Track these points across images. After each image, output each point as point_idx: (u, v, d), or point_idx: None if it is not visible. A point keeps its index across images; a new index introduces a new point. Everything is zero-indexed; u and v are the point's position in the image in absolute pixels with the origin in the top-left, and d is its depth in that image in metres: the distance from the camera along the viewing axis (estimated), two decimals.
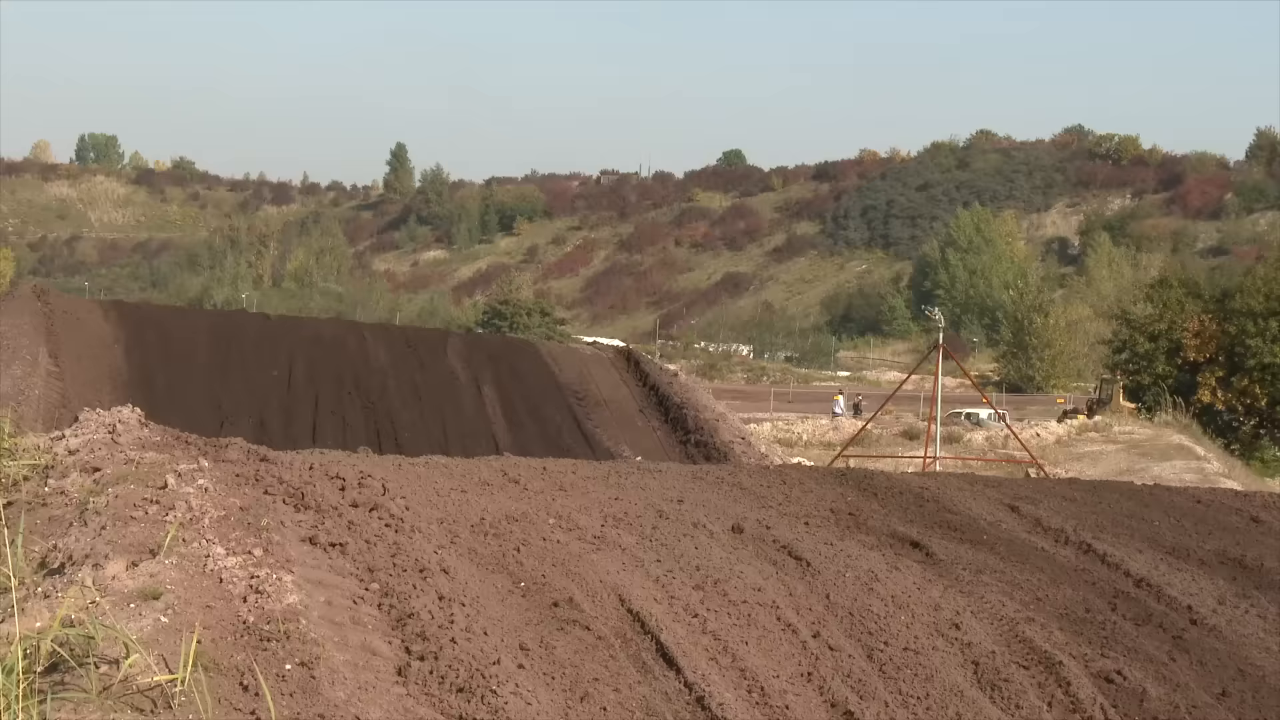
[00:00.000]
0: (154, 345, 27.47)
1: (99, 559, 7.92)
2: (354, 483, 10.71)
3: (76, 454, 11.11)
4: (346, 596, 8.22)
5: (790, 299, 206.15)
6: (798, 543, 11.95)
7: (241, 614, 7.41)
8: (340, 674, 7.05)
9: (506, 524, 10.88)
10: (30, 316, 26.03)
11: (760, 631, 9.82)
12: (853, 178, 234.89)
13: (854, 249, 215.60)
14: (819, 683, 9.33)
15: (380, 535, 9.39)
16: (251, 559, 8.14)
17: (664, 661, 8.93)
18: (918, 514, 14.15)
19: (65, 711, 6.12)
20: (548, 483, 13.33)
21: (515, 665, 7.99)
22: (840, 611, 10.56)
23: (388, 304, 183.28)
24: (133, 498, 9.16)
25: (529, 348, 36.39)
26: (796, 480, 15.34)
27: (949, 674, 9.88)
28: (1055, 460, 57.51)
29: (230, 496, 9.58)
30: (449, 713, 7.13)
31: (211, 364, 27.47)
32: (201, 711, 6.30)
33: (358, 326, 37.26)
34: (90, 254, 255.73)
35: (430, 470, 13.16)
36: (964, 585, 11.73)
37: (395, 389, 28.58)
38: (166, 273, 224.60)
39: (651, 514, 12.26)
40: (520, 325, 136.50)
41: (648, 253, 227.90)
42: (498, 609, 8.93)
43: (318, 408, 26.94)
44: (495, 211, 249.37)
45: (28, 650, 6.26)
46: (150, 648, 6.65)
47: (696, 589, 10.28)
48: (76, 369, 24.95)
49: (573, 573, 9.94)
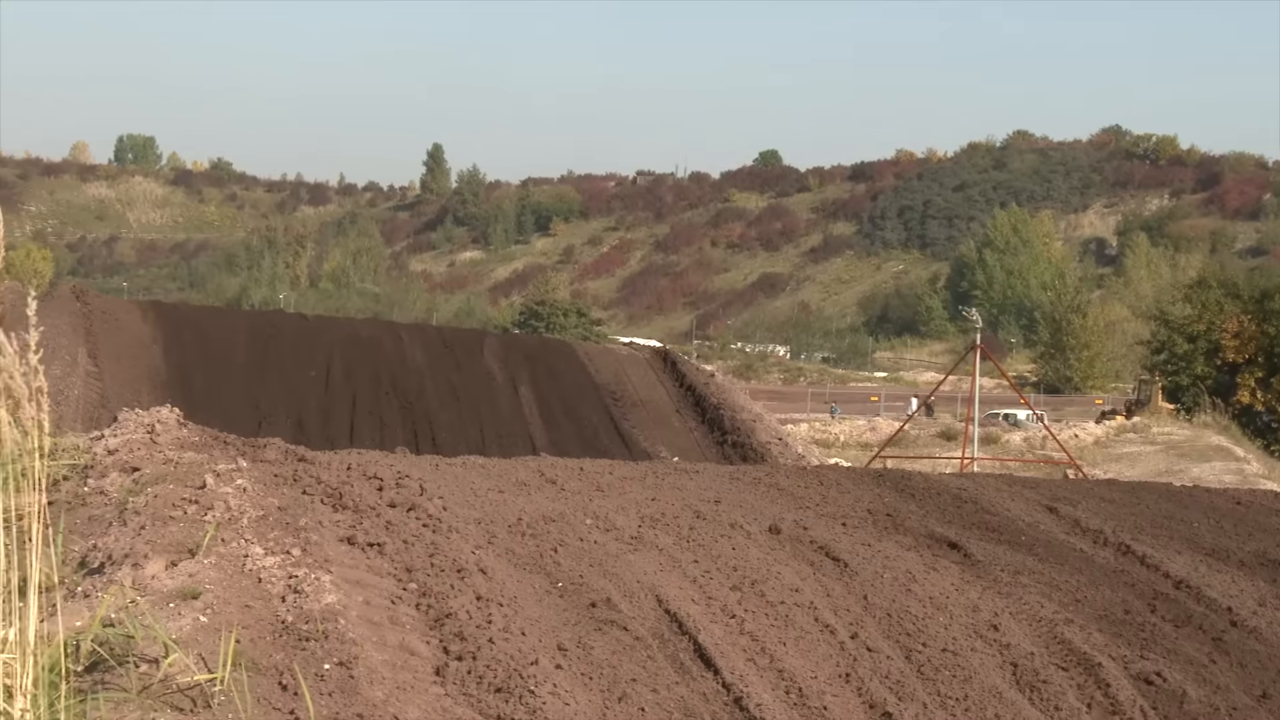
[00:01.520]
0: (192, 345, 27.57)
1: (138, 558, 7.94)
2: (392, 483, 10.72)
3: (115, 454, 11.15)
4: (384, 596, 8.23)
5: (827, 299, 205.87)
6: (835, 543, 11.93)
7: (280, 614, 7.42)
8: (378, 674, 7.05)
9: (544, 524, 10.88)
10: (69, 317, 26.15)
11: (798, 632, 9.81)
12: (889, 178, 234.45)
13: (890, 249, 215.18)
14: (857, 683, 9.31)
15: (418, 535, 9.40)
16: (290, 559, 8.15)
17: (702, 662, 8.92)
18: (956, 515, 14.11)
19: (105, 710, 6.14)
20: (585, 483, 13.33)
21: (553, 665, 7.99)
22: (878, 612, 10.53)
23: (424, 304, 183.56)
24: (171, 497, 9.19)
25: (565, 348, 36.40)
26: (834, 481, 15.31)
27: (987, 675, 9.85)
28: (1093, 461, 57.30)
29: (268, 496, 9.59)
30: (487, 713, 7.13)
31: (249, 364, 27.56)
32: (241, 711, 6.31)
33: (395, 327, 37.34)
34: (128, 254, 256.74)
35: (467, 470, 13.17)
36: (1002, 586, 11.69)
37: (432, 389, 28.62)
38: (204, 273, 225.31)
39: (689, 514, 12.25)
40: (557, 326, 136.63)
41: (684, 253, 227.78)
42: (535, 609, 8.93)
43: (355, 408, 27.00)
44: (531, 212, 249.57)
45: (68, 649, 6.28)
46: (189, 647, 6.66)
47: (734, 590, 10.27)
48: (115, 369, 25.06)
49: (610, 573, 9.94)
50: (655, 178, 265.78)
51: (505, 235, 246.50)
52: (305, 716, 6.40)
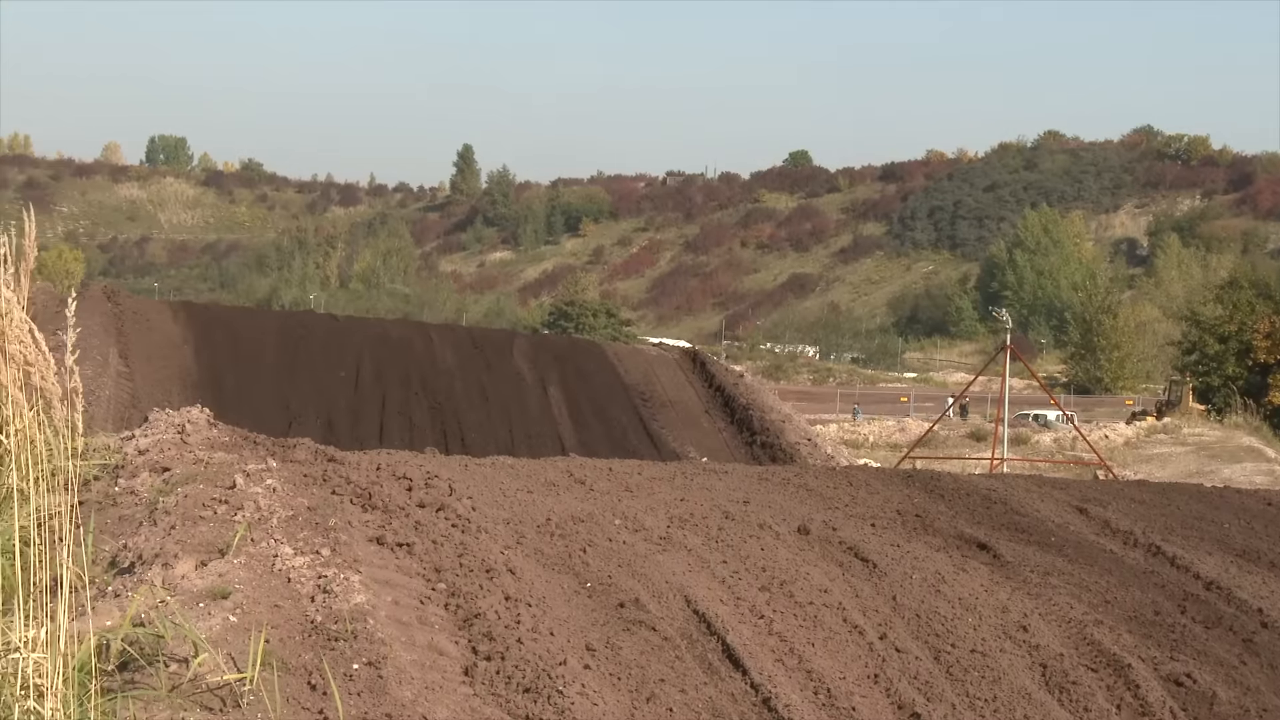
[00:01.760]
0: (223, 346, 27.64)
1: (168, 558, 7.97)
2: (421, 483, 10.74)
3: (146, 454, 11.18)
4: (413, 596, 8.25)
5: (856, 300, 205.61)
6: (864, 544, 11.92)
7: (309, 613, 7.44)
8: (407, 674, 7.07)
9: (572, 524, 10.89)
10: (101, 317, 26.23)
11: (826, 633, 9.80)
12: (919, 178, 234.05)
13: (921, 250, 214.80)
14: (886, 684, 9.30)
15: (447, 535, 9.41)
16: (319, 559, 8.17)
17: (730, 662, 8.92)
18: (985, 516, 14.09)
19: (135, 709, 6.16)
20: (614, 483, 13.33)
21: (581, 666, 8.00)
22: (907, 613, 10.52)
23: (454, 305, 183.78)
24: (202, 497, 9.22)
25: (595, 348, 36.40)
26: (863, 482, 15.30)
27: (1017, 676, 9.84)
28: (1124, 462, 57.15)
29: (298, 496, 9.62)
30: (515, 713, 7.14)
31: (279, 364, 27.61)
32: (270, 710, 6.33)
33: (424, 327, 37.36)
34: (159, 255, 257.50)
35: (496, 471, 13.19)
36: (1032, 587, 11.67)
37: (462, 389, 28.65)
38: (235, 274, 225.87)
39: (717, 515, 12.25)
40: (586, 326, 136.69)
41: (713, 254, 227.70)
42: (564, 609, 8.94)
43: (385, 408, 27.04)
44: (561, 212, 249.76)
45: (98, 649, 6.31)
46: (219, 647, 6.68)
47: (763, 590, 10.27)
48: (146, 369, 25.13)
49: (639, 573, 9.94)
50: (685, 178, 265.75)
51: (535, 236, 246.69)
52: (334, 716, 6.42)
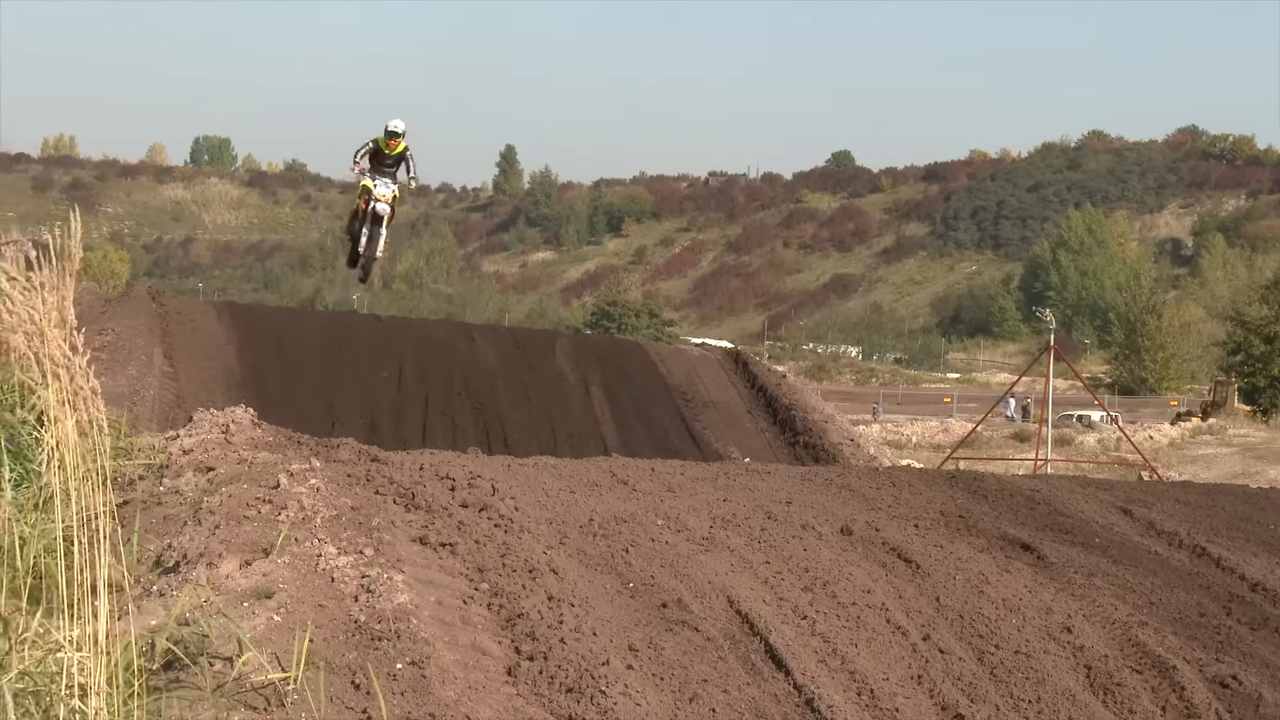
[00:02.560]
0: (266, 346, 27.70)
1: (213, 558, 8.00)
2: (464, 483, 10.75)
3: (191, 453, 11.22)
4: (456, 596, 8.26)
5: (899, 300, 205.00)
6: (907, 545, 11.89)
7: (353, 613, 7.45)
8: (450, 673, 7.08)
9: (615, 525, 10.89)
10: (145, 317, 26.33)
11: (870, 634, 9.78)
12: (962, 178, 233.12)
13: (964, 250, 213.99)
14: (929, 685, 9.28)
15: (490, 535, 9.43)
16: (363, 558, 8.19)
17: (773, 663, 8.91)
18: (1029, 517, 14.04)
19: (180, 708, 6.18)
20: (656, 484, 13.33)
21: (624, 666, 8.00)
22: (950, 614, 10.50)
23: (497, 305, 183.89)
24: (246, 497, 9.24)
25: (637, 349, 36.38)
26: (906, 482, 15.26)
27: (1061, 678, 9.80)
28: (1168, 463, 56.83)
29: (342, 496, 9.64)
30: (558, 713, 7.15)
31: (323, 365, 27.66)
32: (314, 710, 6.34)
33: (467, 328, 37.37)
34: (204, 255, 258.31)
35: (539, 471, 13.19)
36: (1076, 589, 11.63)
37: (504, 390, 28.67)
38: (279, 274, 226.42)
39: (760, 515, 12.24)
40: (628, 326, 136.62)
41: (756, 254, 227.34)
42: (606, 609, 8.94)
43: (428, 408, 27.06)
44: (603, 213, 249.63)
45: (144, 648, 6.33)
46: (263, 646, 6.70)
47: (805, 591, 10.25)
48: (190, 369, 25.22)
49: (681, 574, 9.94)
50: (727, 178, 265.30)
51: (577, 236, 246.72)
52: (378, 716, 6.43)
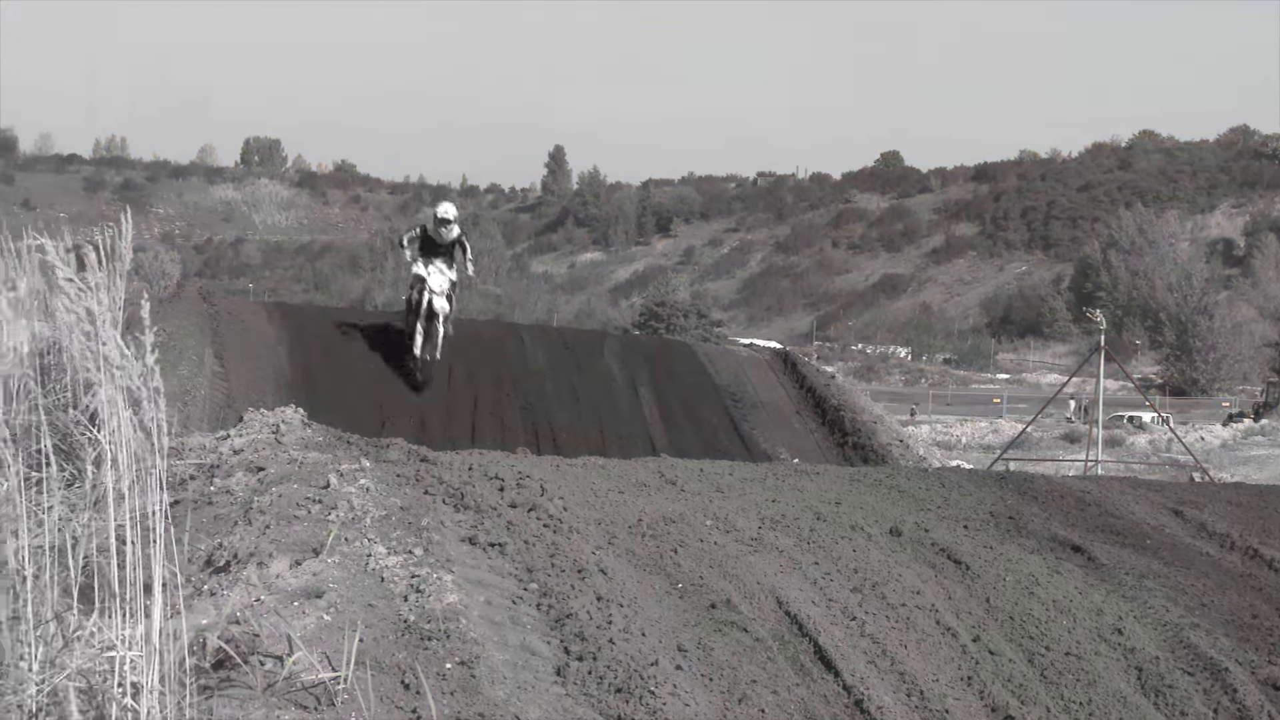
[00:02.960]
0: (316, 346, 27.76)
1: (263, 557, 8.03)
2: (513, 483, 10.77)
3: (241, 453, 11.26)
4: (505, 596, 8.27)
5: (949, 300, 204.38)
6: (957, 546, 11.86)
7: (402, 613, 7.47)
8: (500, 673, 7.09)
9: (664, 525, 10.89)
10: (196, 318, 26.41)
11: (919, 635, 9.76)
12: (1012, 178, 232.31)
13: (1014, 250, 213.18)
14: (979, 687, 9.25)
15: (539, 536, 9.44)
16: (412, 558, 8.21)
17: (822, 664, 8.90)
18: (1079, 518, 13.98)
19: (231, 708, 6.21)
20: (705, 484, 13.33)
21: (673, 666, 8.00)
22: (1000, 615, 10.47)
23: (545, 305, 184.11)
24: (296, 497, 9.27)
25: (685, 349, 36.32)
26: (955, 483, 15.22)
27: (1112, 680, 9.76)
28: (1220, 464, 56.63)
29: (391, 496, 9.67)
30: (607, 713, 7.15)
31: (373, 365, 27.71)
32: (364, 709, 6.36)
33: (516, 328, 37.38)
34: (254, 256, 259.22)
35: (588, 471, 13.20)
36: (1127, 590, 11.58)
37: (553, 390, 28.68)
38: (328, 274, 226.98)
39: (809, 516, 12.22)
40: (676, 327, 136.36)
41: (804, 254, 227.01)
42: (655, 610, 8.94)
43: (476, 408, 27.08)
44: (652, 213, 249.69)
45: (195, 647, 6.36)
46: (313, 645, 6.73)
47: (854, 592, 10.24)
48: (241, 369, 25.28)
49: (730, 574, 9.93)
50: (776, 179, 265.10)
51: (626, 236, 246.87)
52: (427, 715, 6.44)
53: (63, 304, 7.53)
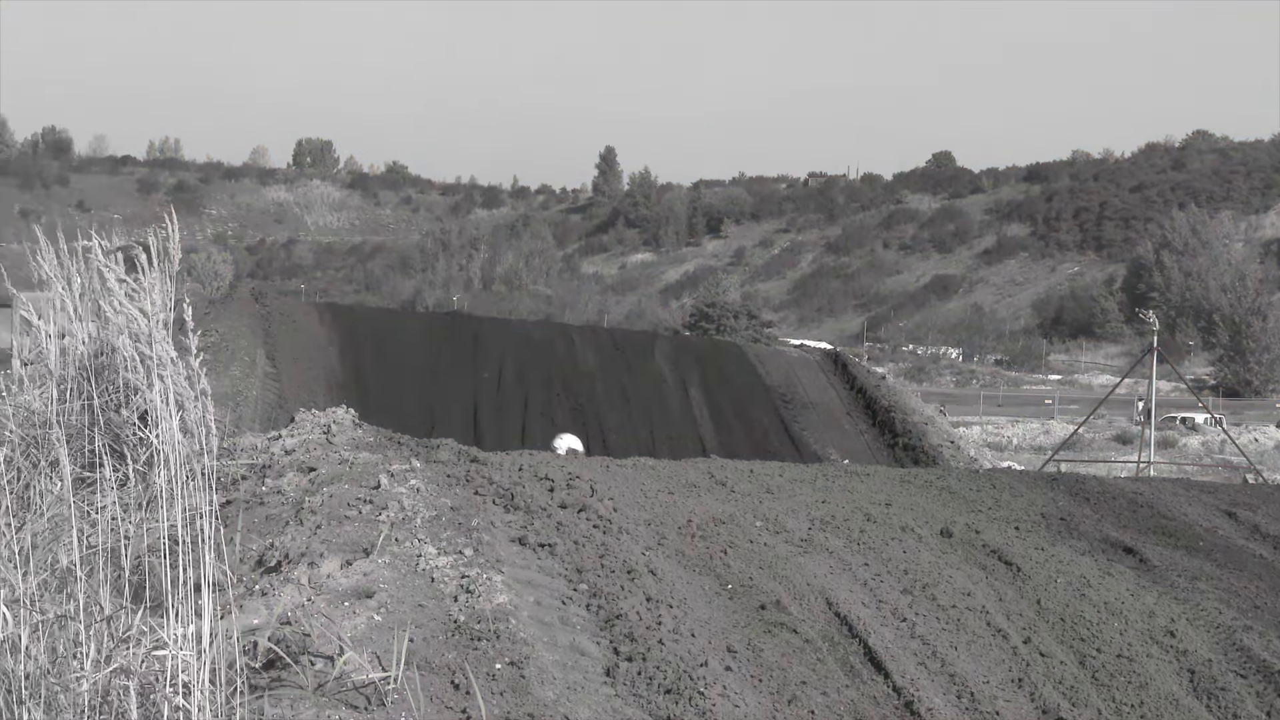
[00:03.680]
0: (367, 347, 27.87)
1: (314, 557, 8.05)
2: (563, 484, 10.78)
3: (292, 454, 11.29)
4: (555, 597, 8.28)
5: (1000, 301, 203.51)
6: (1008, 547, 11.82)
7: (452, 613, 7.49)
8: (549, 674, 7.09)
9: (713, 526, 10.88)
10: (248, 319, 26.54)
11: (969, 636, 9.73)
12: (1065, 179, 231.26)
13: (1066, 251, 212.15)
14: (1030, 689, 9.21)
15: (588, 536, 9.44)
16: (462, 559, 8.22)
17: (872, 665, 8.88)
18: (1131, 520, 13.91)
19: (282, 707, 6.23)
20: (755, 485, 13.31)
21: (723, 667, 7.99)
22: (1051, 617, 10.42)
23: (596, 306, 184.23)
24: (347, 497, 9.30)
25: (736, 350, 36.33)
26: (1006, 484, 15.16)
27: (1164, 682, 9.71)
28: (1274, 465, 56.29)
29: (441, 497, 9.68)
30: (657, 714, 7.15)
31: (423, 366, 27.80)
32: (414, 709, 6.38)
33: (566, 329, 37.48)
34: (306, 257, 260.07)
35: (638, 472, 13.19)
36: (1179, 592, 11.51)
37: (603, 391, 28.72)
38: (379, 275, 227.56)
39: (859, 517, 12.19)
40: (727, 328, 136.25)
41: (855, 255, 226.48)
42: (705, 611, 8.93)
43: (527, 409, 27.15)
44: (702, 214, 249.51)
45: (246, 646, 6.38)
46: (363, 646, 6.75)
47: (905, 593, 10.21)
48: (293, 370, 25.39)
49: (780, 575, 9.92)
50: (827, 179, 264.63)
51: (676, 237, 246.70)
52: (477, 716, 6.45)
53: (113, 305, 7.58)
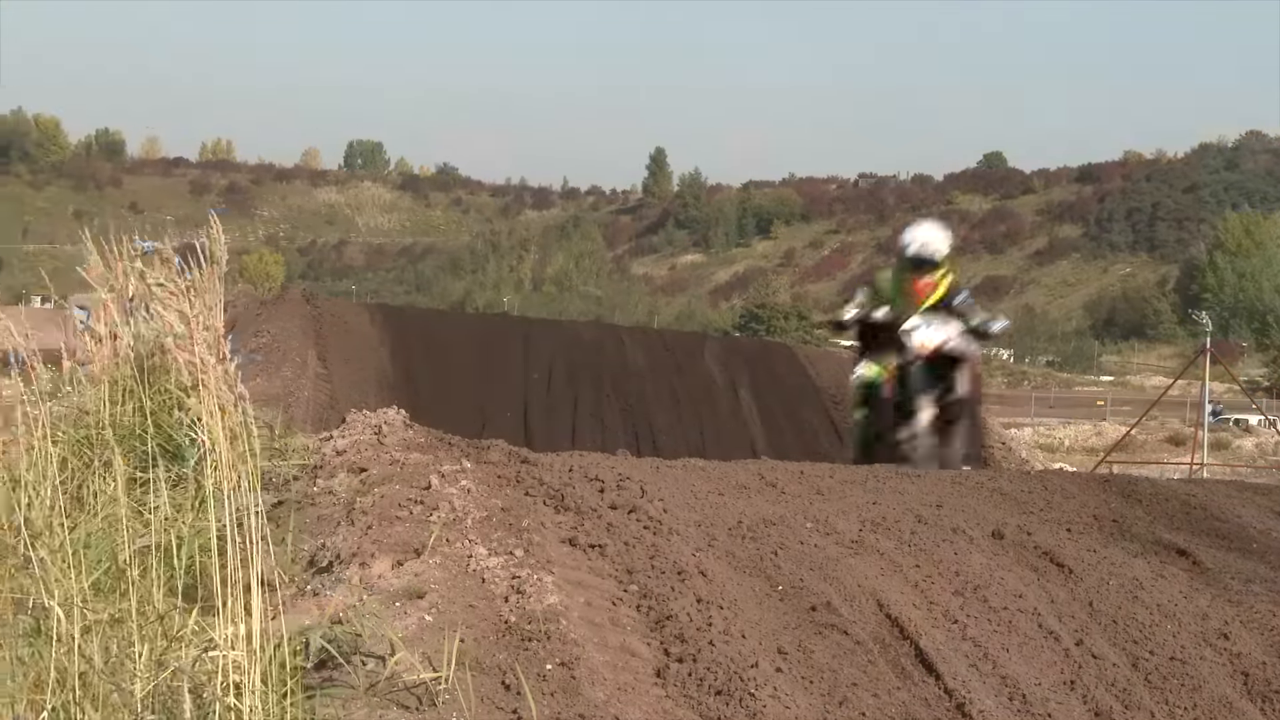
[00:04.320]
0: (418, 348, 27.94)
1: (365, 558, 8.08)
2: (613, 485, 10.78)
3: (344, 454, 11.32)
4: (605, 598, 8.28)
5: (1052, 302, 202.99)
6: (1060, 549, 11.76)
7: (503, 614, 7.50)
8: (600, 675, 7.10)
9: (764, 527, 10.86)
10: (299, 320, 26.63)
11: (1021, 638, 9.69)
12: (1117, 180, 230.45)
13: (1118, 252, 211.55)
14: (1082, 691, 9.18)
15: (639, 537, 9.44)
16: (513, 559, 8.23)
17: (923, 667, 8.86)
18: (1184, 521, 13.82)
19: (334, 707, 6.25)
20: (805, 486, 13.28)
21: (773, 668, 7.98)
22: (1104, 619, 10.37)
23: (645, 307, 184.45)
24: (398, 498, 9.32)
25: (786, 351, 36.30)
26: (1058, 486, 15.08)
27: (1217, 685, 9.66)
28: None
29: (492, 497, 9.69)
30: (707, 715, 7.14)
31: (473, 366, 27.86)
32: (465, 710, 6.39)
33: (616, 330, 37.57)
34: (357, 258, 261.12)
35: (688, 473, 13.17)
36: (1233, 594, 11.44)
37: (653, 392, 28.73)
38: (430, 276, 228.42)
39: (910, 519, 12.15)
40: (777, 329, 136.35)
41: None
42: (755, 612, 8.92)
43: (577, 410, 27.18)
44: (752, 215, 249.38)
45: (297, 646, 6.41)
46: (414, 646, 6.76)
47: (956, 595, 10.17)
48: (344, 371, 25.47)
49: (830, 577, 9.90)
50: (877, 180, 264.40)
51: (726, 238, 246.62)
52: (528, 716, 6.46)
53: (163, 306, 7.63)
